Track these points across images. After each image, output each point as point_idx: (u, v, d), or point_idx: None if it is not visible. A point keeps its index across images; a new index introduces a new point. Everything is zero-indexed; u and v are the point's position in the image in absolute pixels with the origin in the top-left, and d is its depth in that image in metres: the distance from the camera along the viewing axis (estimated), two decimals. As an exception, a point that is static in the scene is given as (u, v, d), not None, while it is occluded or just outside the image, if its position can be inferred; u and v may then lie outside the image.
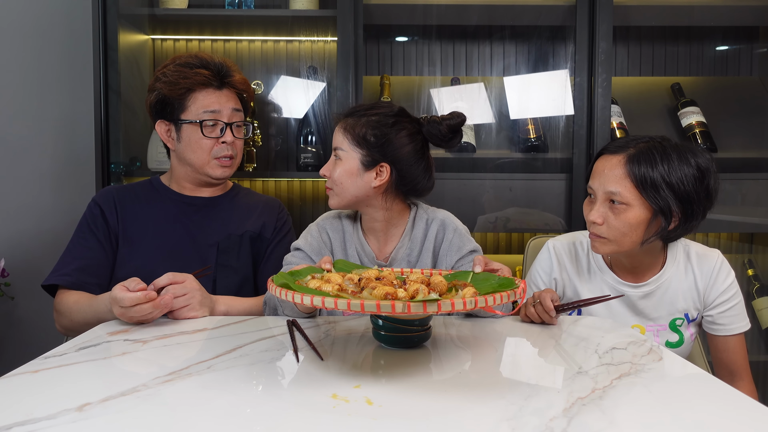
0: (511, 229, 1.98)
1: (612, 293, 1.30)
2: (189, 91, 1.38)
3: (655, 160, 1.14)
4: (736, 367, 1.30)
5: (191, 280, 1.15)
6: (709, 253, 1.29)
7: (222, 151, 1.40)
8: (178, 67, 1.38)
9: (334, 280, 0.89)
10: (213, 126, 1.39)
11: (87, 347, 0.93)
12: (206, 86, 1.39)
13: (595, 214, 1.19)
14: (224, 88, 1.41)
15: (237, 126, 1.43)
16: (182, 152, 1.41)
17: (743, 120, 2.10)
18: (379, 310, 0.74)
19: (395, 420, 0.66)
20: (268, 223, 1.47)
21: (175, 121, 1.40)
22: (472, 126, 2.05)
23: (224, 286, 1.38)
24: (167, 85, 1.37)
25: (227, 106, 1.40)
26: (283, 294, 0.81)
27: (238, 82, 1.44)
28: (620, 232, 1.18)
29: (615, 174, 1.17)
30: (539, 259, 1.40)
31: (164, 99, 1.39)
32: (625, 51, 2.22)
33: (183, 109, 1.39)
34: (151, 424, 0.64)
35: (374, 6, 1.96)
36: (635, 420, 0.68)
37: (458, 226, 1.30)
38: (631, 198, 1.15)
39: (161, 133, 1.42)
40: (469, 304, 0.75)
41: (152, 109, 1.42)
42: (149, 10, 2.02)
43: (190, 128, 1.38)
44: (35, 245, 2.13)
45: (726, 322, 1.28)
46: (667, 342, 1.30)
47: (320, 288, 0.86)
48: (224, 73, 1.41)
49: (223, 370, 0.82)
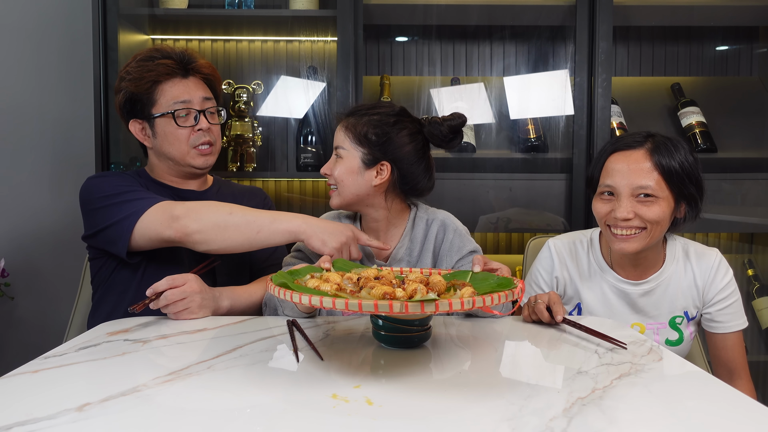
0: (511, 230, 1.98)
1: (613, 292, 1.31)
2: (155, 83, 1.35)
3: (672, 151, 1.19)
4: (735, 365, 1.31)
5: (191, 282, 1.14)
6: (708, 252, 1.31)
7: (199, 138, 1.37)
8: (140, 62, 1.36)
9: (333, 280, 0.89)
10: (186, 116, 1.36)
11: (87, 347, 0.93)
12: (171, 76, 1.37)
13: (625, 211, 1.19)
14: (190, 75, 1.39)
15: (210, 113, 1.41)
16: (160, 147, 1.38)
17: (743, 120, 2.10)
18: (377, 310, 0.74)
19: (395, 420, 0.66)
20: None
21: (148, 117, 1.37)
22: (472, 126, 2.05)
23: (224, 276, 1.38)
24: (132, 82, 1.35)
25: (197, 95, 1.38)
26: (282, 293, 0.81)
27: (202, 66, 1.42)
28: (652, 223, 1.19)
29: (642, 168, 1.19)
30: (540, 259, 1.40)
31: (132, 97, 1.36)
32: (625, 51, 2.21)
33: (153, 104, 1.36)
34: (152, 424, 0.64)
35: (374, 6, 1.96)
36: (635, 420, 0.68)
37: (458, 227, 1.31)
38: (660, 190, 1.18)
39: (136, 132, 1.39)
40: (466, 304, 0.74)
41: (122, 110, 1.39)
42: (149, 10, 2.02)
43: (163, 121, 1.36)
44: (35, 245, 2.13)
45: (724, 320, 1.30)
46: (667, 340, 1.31)
47: (319, 287, 0.85)
48: (187, 60, 1.39)
49: (223, 370, 0.82)
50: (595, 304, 1.33)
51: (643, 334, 1.28)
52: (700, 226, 1.89)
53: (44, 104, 2.13)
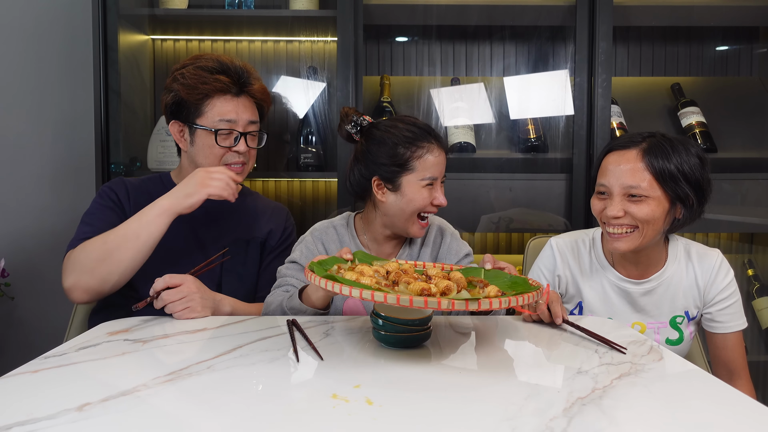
0: (513, 230, 1.98)
1: (614, 290, 1.32)
2: (206, 96, 1.35)
3: (669, 153, 1.19)
4: (735, 365, 1.31)
5: (188, 282, 1.14)
6: (709, 252, 1.31)
7: (233, 158, 1.38)
8: (197, 70, 1.35)
9: (368, 273, 0.91)
10: (228, 135, 1.37)
11: (87, 347, 0.93)
12: (224, 93, 1.36)
13: (615, 209, 1.21)
14: (242, 95, 1.39)
15: (251, 135, 1.41)
16: (194, 156, 1.39)
17: (743, 120, 2.10)
18: (426, 305, 0.77)
19: (395, 420, 0.66)
20: (275, 231, 1.46)
21: (190, 125, 1.37)
22: (472, 126, 2.05)
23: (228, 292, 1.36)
24: (185, 87, 1.34)
25: (243, 117, 1.38)
26: (329, 285, 0.83)
27: (257, 91, 1.42)
28: (643, 221, 1.20)
29: (632, 168, 1.20)
30: (542, 257, 1.41)
31: (181, 101, 1.36)
32: (625, 51, 2.21)
33: (199, 114, 1.36)
34: (152, 424, 0.64)
35: (374, 6, 1.96)
36: (635, 420, 0.68)
37: (454, 231, 1.39)
38: (650, 190, 1.19)
39: (174, 133, 1.40)
40: (504, 303, 0.80)
41: (167, 109, 1.40)
42: (149, 10, 2.02)
43: (204, 134, 1.36)
44: (35, 245, 2.13)
45: (725, 320, 1.30)
46: (668, 339, 1.31)
47: (358, 280, 0.87)
48: (244, 81, 1.39)
49: (223, 370, 0.82)
50: (596, 303, 1.33)
51: (644, 334, 1.29)
52: (700, 226, 1.89)
53: (44, 104, 2.13)
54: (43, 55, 2.12)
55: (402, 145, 1.23)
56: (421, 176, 1.23)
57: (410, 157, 1.22)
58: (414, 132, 1.24)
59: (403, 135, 1.23)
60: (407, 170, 1.23)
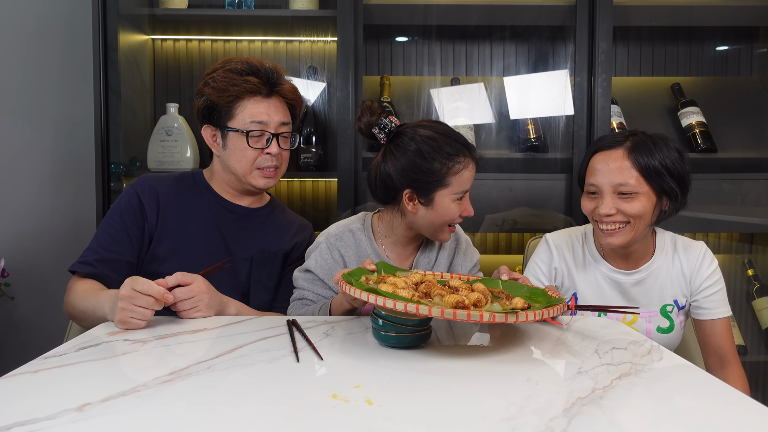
0: (517, 230, 1.98)
1: (606, 282, 1.38)
2: (237, 98, 1.34)
3: (651, 149, 1.25)
4: (724, 351, 1.37)
5: (199, 282, 1.14)
6: (694, 243, 1.39)
7: (266, 161, 1.37)
8: (227, 73, 1.35)
9: (401, 285, 0.95)
10: (259, 137, 1.35)
11: (87, 347, 0.93)
12: (254, 94, 1.35)
13: (607, 207, 1.26)
14: (273, 96, 1.38)
15: (283, 137, 1.39)
16: (227, 159, 1.38)
17: (743, 120, 2.10)
18: (469, 319, 0.83)
19: (395, 420, 0.66)
20: (299, 245, 1.45)
21: (222, 128, 1.37)
22: (472, 126, 2.05)
23: (256, 304, 1.36)
24: (216, 91, 1.34)
25: (275, 118, 1.36)
26: (370, 298, 0.87)
27: (287, 90, 1.41)
28: (634, 216, 1.25)
29: (620, 166, 1.25)
30: (538, 252, 1.45)
31: (212, 105, 1.36)
32: (625, 51, 2.21)
33: (230, 117, 1.35)
34: (151, 424, 0.64)
35: (374, 6, 1.96)
36: (635, 420, 0.68)
37: (466, 236, 1.41)
38: (638, 186, 1.24)
39: (207, 137, 1.39)
40: (539, 316, 0.87)
41: (200, 114, 1.39)
42: (149, 10, 2.02)
43: (236, 136, 1.35)
44: (35, 245, 2.13)
45: (711, 306, 1.36)
46: (659, 328, 1.37)
47: (395, 292, 0.91)
48: (273, 81, 1.38)
49: (223, 370, 0.82)
50: (590, 294, 1.38)
51: (636, 323, 1.36)
52: (700, 226, 1.89)
53: (44, 104, 2.13)
54: (43, 55, 2.12)
55: (438, 161, 1.17)
56: (456, 191, 1.19)
57: (447, 173, 1.18)
58: (453, 147, 1.19)
59: (442, 149, 1.18)
60: (443, 186, 1.19)
